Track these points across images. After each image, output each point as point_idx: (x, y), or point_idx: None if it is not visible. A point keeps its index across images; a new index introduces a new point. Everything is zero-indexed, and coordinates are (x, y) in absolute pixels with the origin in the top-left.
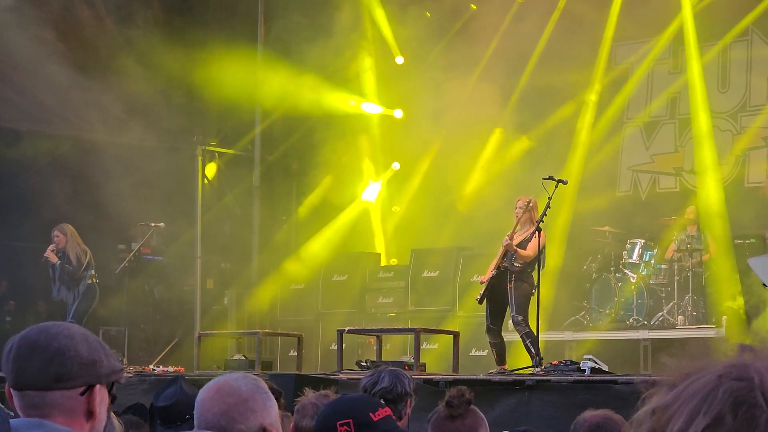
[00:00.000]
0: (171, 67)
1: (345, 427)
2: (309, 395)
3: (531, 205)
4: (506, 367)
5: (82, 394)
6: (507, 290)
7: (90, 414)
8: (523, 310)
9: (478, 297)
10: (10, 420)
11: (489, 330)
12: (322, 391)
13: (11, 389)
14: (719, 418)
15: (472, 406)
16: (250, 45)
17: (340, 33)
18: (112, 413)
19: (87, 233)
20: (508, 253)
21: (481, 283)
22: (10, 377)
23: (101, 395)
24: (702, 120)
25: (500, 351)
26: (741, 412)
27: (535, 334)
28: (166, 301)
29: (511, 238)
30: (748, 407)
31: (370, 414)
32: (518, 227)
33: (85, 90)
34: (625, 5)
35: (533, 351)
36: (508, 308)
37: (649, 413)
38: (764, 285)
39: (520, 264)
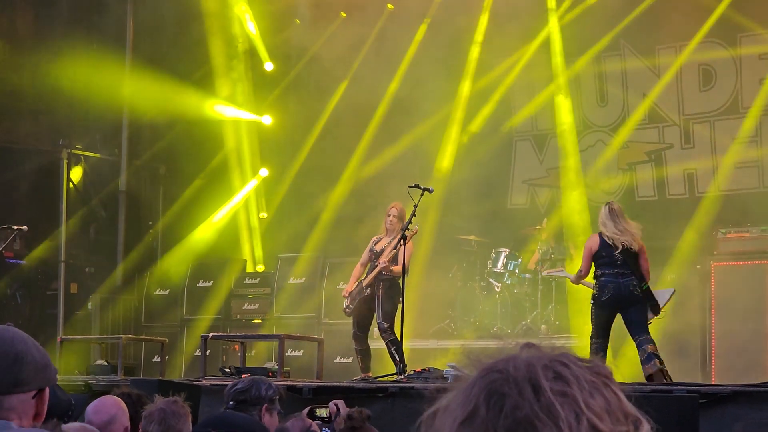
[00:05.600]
0: (36, 69)
1: None
2: (158, 401)
3: (402, 213)
4: (371, 374)
5: (34, 396)
6: (375, 297)
7: (38, 416)
8: (390, 317)
9: (346, 309)
10: None
11: (355, 336)
12: (171, 398)
13: None
14: (474, 410)
15: (369, 425)
16: (119, 49)
17: (209, 39)
18: None
19: None
20: (380, 255)
21: (345, 296)
22: None
23: (47, 398)
24: (566, 131)
25: (365, 358)
26: (492, 402)
27: (400, 341)
28: (28, 305)
29: (378, 245)
30: (498, 397)
31: None
32: (384, 234)
33: None
34: (493, 15)
35: (397, 358)
36: (374, 315)
37: (429, 417)
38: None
39: (388, 273)
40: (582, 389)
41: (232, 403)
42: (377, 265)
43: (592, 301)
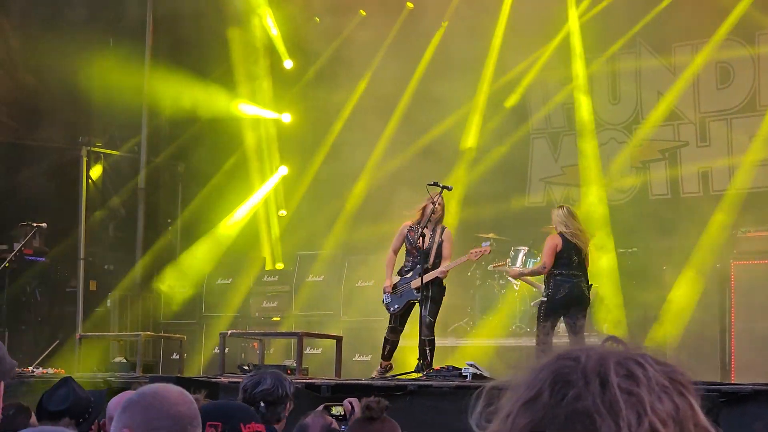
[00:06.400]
0: (55, 67)
1: (212, 429)
2: None
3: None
4: (391, 363)
5: None
6: (424, 298)
7: None
8: (435, 316)
9: (392, 308)
10: None
11: (395, 331)
12: (194, 395)
13: None
14: (538, 394)
15: (386, 415)
16: (138, 47)
17: (228, 36)
18: None
19: None
20: (429, 254)
21: (387, 291)
22: None
23: (1, 391)
24: (586, 130)
25: (393, 349)
26: (556, 389)
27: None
28: (47, 302)
29: (419, 237)
30: (563, 384)
31: (241, 424)
32: (417, 220)
33: None
34: (513, 14)
35: (429, 359)
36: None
37: (494, 389)
38: None
39: (443, 276)
40: (651, 391)
41: (263, 405)
42: (428, 267)
43: (545, 300)
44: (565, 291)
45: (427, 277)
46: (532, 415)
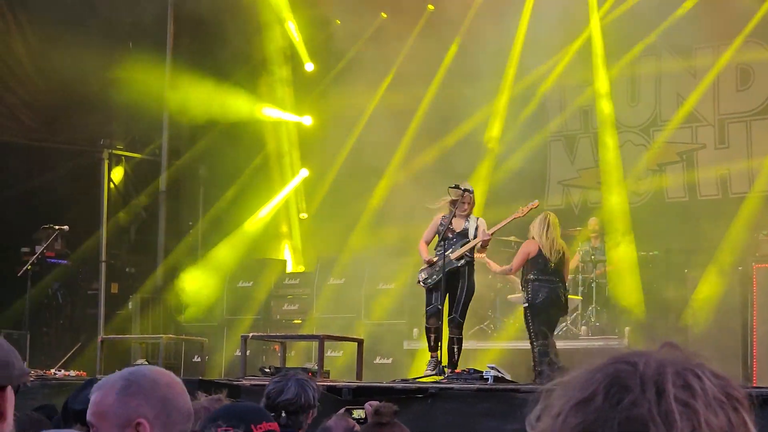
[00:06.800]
0: (76, 70)
1: None
2: (201, 399)
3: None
4: (438, 354)
5: None
6: (459, 279)
7: (2, 416)
8: (465, 313)
9: (426, 281)
10: None
11: (436, 312)
12: (215, 396)
13: None
14: (592, 396)
15: (396, 420)
16: (159, 49)
17: (249, 39)
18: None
19: None
20: (466, 235)
21: (427, 263)
22: None
23: (11, 397)
24: (608, 133)
25: (439, 338)
26: (612, 393)
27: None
28: (69, 305)
29: (453, 224)
30: (619, 388)
31: (252, 425)
32: (451, 213)
33: None
34: (535, 16)
35: (456, 358)
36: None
37: (549, 391)
38: None
39: (482, 251)
40: (707, 405)
41: (284, 415)
42: (469, 241)
43: (527, 305)
44: (544, 295)
45: (470, 244)
46: (584, 416)
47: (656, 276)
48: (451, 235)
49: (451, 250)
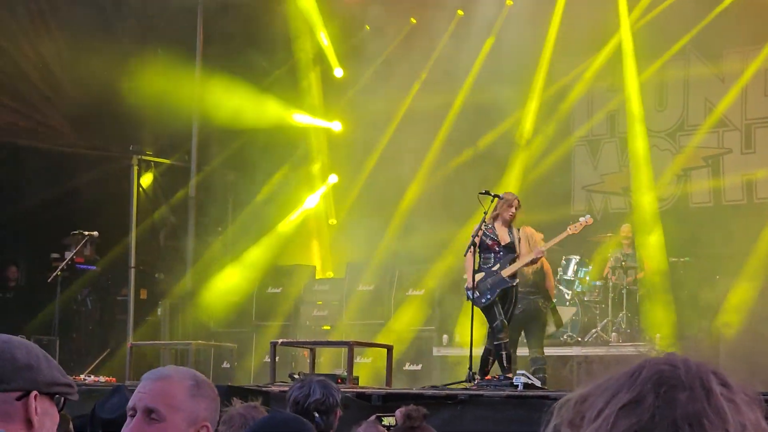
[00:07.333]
0: (105, 76)
1: None
2: (237, 406)
3: None
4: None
5: (19, 399)
6: (513, 294)
7: (29, 423)
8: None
9: (482, 299)
10: None
11: (504, 326)
12: (250, 403)
13: None
14: (641, 397)
15: (426, 424)
16: (189, 55)
17: (278, 45)
18: None
19: (20, 241)
20: (513, 247)
21: (470, 288)
22: None
23: (42, 406)
24: (639, 139)
25: (509, 355)
26: (662, 392)
27: (469, 350)
28: (98, 310)
29: (499, 234)
30: (669, 387)
31: None
32: (496, 221)
33: (16, 96)
34: (564, 21)
35: (508, 363)
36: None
37: (570, 405)
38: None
39: (533, 264)
40: (743, 401)
41: (317, 415)
42: (517, 256)
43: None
44: (523, 306)
45: (522, 261)
46: (637, 416)
47: (688, 282)
48: (497, 248)
49: (498, 265)
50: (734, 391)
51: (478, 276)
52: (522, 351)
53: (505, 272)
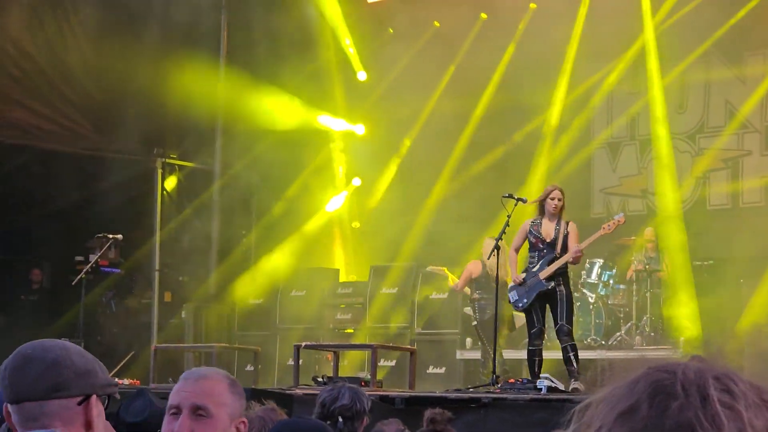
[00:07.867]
0: (129, 79)
1: None
2: (255, 409)
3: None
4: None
5: (80, 404)
6: (555, 293)
7: (88, 425)
8: (572, 319)
9: (519, 303)
10: None
11: (540, 333)
12: (268, 405)
13: (9, 405)
14: (636, 406)
15: (451, 427)
16: (213, 58)
17: (302, 48)
18: None
19: (44, 244)
20: (555, 245)
21: (516, 283)
22: (7, 392)
23: (98, 407)
24: (662, 142)
25: (541, 360)
26: (657, 401)
27: (493, 353)
28: (123, 313)
29: (543, 230)
30: (664, 396)
31: None
32: (543, 217)
33: (42, 100)
34: (587, 25)
35: (575, 366)
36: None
37: (583, 408)
38: None
39: (576, 262)
40: (748, 408)
41: (341, 420)
42: (556, 257)
43: (476, 324)
44: (491, 312)
45: (559, 262)
46: (631, 425)
47: (711, 285)
48: (541, 245)
49: (537, 266)
50: (739, 397)
51: (521, 276)
52: (507, 354)
53: (543, 274)
